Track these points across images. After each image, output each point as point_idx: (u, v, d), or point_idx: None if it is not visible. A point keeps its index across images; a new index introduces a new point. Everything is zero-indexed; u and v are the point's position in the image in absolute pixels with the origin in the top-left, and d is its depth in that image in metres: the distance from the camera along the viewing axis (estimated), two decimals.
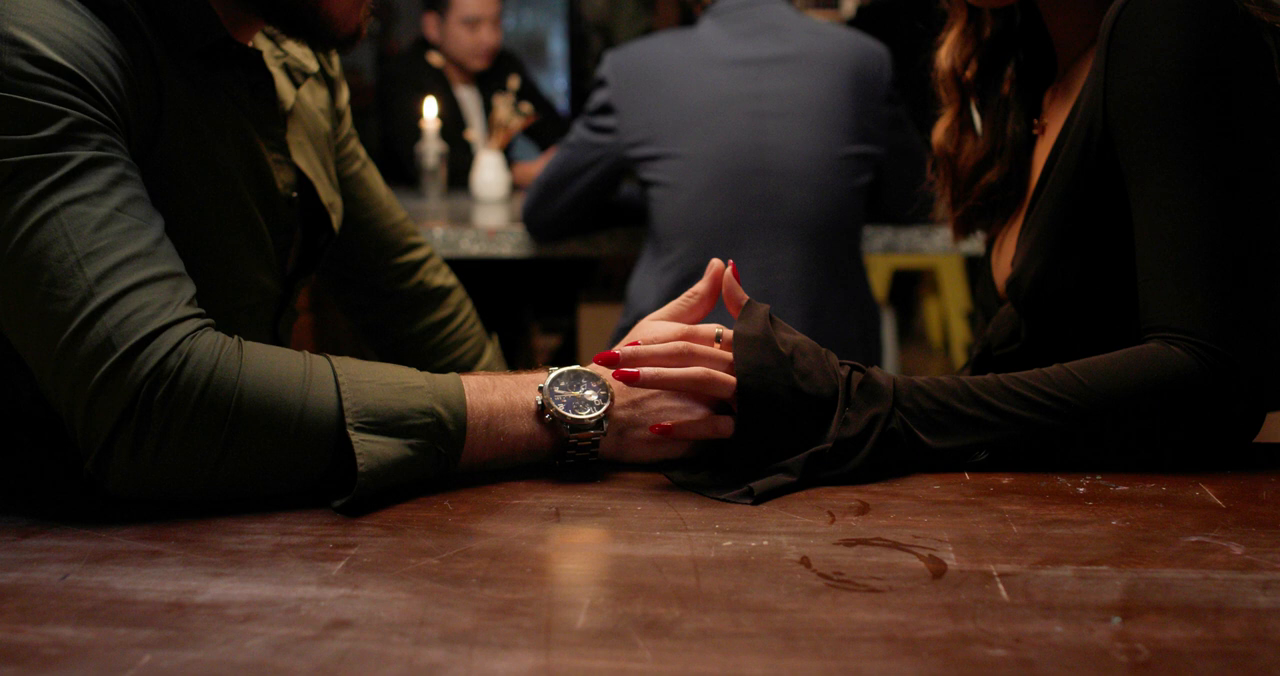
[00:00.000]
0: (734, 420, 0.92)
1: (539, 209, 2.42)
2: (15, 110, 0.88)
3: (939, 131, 1.29)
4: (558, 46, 6.36)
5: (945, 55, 1.29)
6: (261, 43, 1.19)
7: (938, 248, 2.53)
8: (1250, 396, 0.95)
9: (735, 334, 0.95)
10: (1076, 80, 1.15)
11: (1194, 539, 0.80)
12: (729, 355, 0.94)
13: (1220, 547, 0.78)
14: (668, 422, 0.93)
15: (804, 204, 2.17)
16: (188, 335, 0.87)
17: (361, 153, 1.45)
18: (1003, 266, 1.23)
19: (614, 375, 0.93)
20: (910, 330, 5.11)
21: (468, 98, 3.81)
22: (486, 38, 3.69)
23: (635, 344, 0.95)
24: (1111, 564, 0.76)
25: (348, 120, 1.42)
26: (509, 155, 3.43)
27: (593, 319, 3.39)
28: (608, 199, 2.45)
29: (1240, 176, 0.97)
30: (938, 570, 0.75)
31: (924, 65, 1.31)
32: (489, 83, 3.76)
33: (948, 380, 0.97)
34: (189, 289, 0.91)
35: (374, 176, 1.47)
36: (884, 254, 3.66)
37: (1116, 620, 0.67)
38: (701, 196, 2.18)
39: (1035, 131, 1.23)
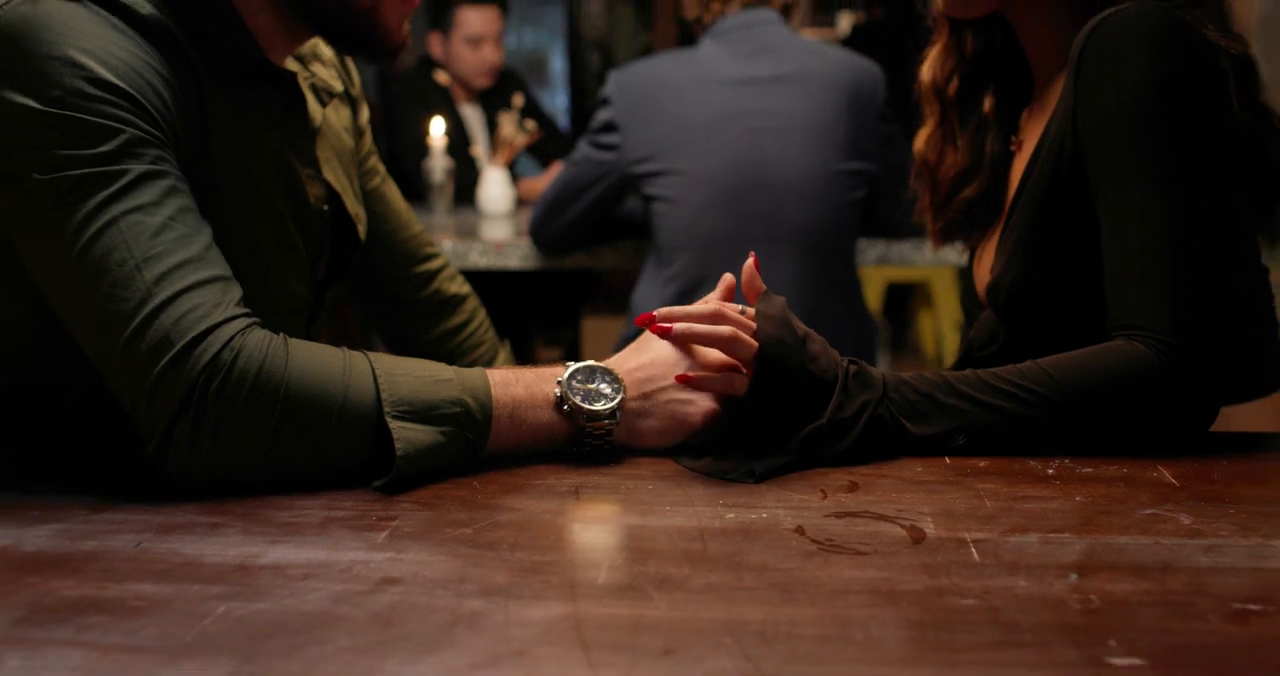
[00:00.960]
0: (748, 381, 1.02)
1: (546, 224, 2.52)
2: (77, 127, 0.97)
3: (920, 141, 1.38)
4: (558, 64, 6.48)
5: (928, 68, 1.38)
6: (291, 64, 1.28)
7: (929, 259, 2.63)
8: (1205, 388, 1.04)
9: (758, 311, 1.04)
10: (1050, 99, 1.25)
11: (1148, 511, 0.89)
12: (754, 325, 1.04)
13: (1171, 518, 0.87)
14: (687, 405, 1.03)
15: (801, 218, 2.26)
16: (238, 332, 0.96)
17: (381, 168, 1.55)
18: (983, 274, 1.32)
19: (651, 329, 1.04)
20: (904, 342, 5.20)
21: (471, 115, 3.90)
22: (489, 56, 3.79)
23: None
24: (1073, 531, 0.85)
25: (368, 137, 1.51)
26: (513, 171, 3.53)
27: (596, 330, 3.48)
28: (612, 214, 2.54)
29: (1198, 188, 1.06)
30: (918, 537, 0.84)
31: (911, 79, 1.41)
32: (492, 100, 3.86)
33: (931, 375, 1.06)
34: (237, 291, 1.00)
35: (393, 191, 1.56)
36: (878, 266, 3.75)
37: (1073, 576, 0.76)
38: (702, 210, 2.28)
39: (1012, 148, 1.33)
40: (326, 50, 1.37)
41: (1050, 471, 0.99)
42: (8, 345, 1.14)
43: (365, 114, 1.49)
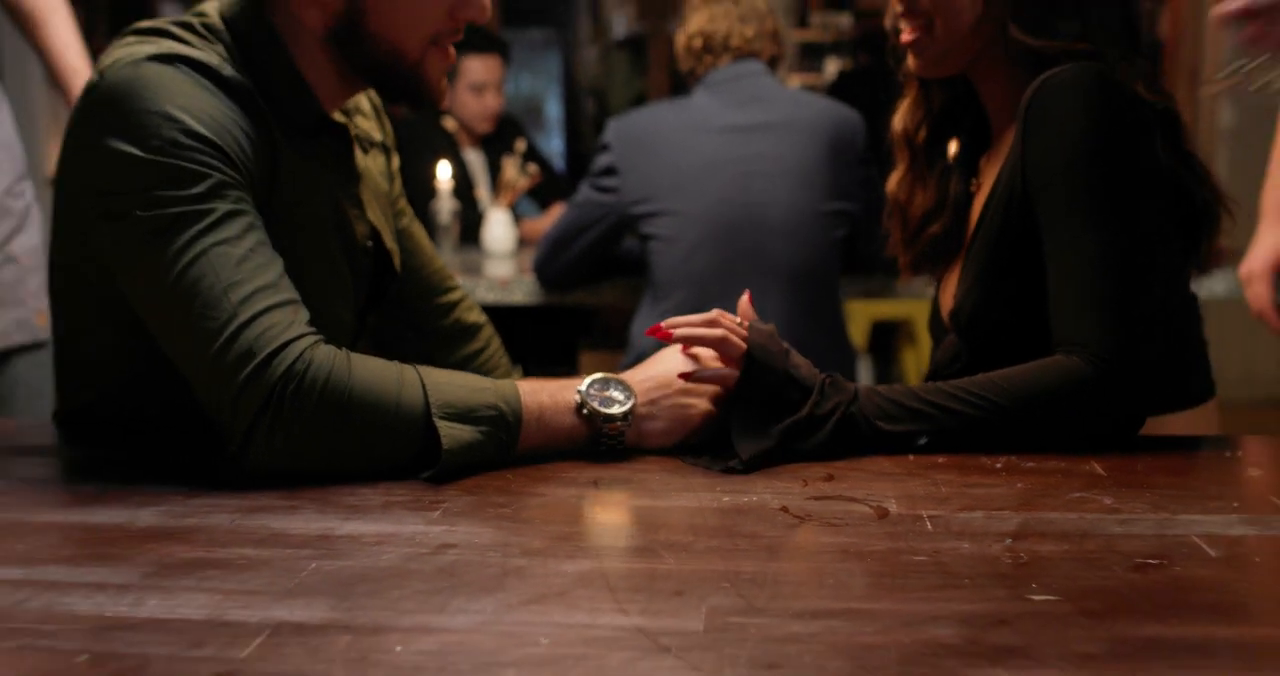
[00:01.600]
0: (739, 377, 1.19)
1: (550, 261, 2.70)
2: (174, 173, 1.14)
3: (892, 182, 1.56)
4: (554, 110, 6.69)
5: (899, 118, 1.56)
6: (338, 117, 1.46)
7: (912, 292, 2.81)
8: (1134, 398, 1.21)
9: (749, 325, 1.23)
10: (1005, 146, 1.43)
11: (1077, 494, 1.06)
12: (744, 332, 1.22)
13: (1095, 500, 1.04)
14: (690, 407, 1.20)
15: (787, 255, 2.45)
16: (309, 347, 1.13)
17: (409, 210, 1.72)
18: (947, 301, 1.49)
19: (658, 336, 1.22)
20: (889, 377, 5.37)
21: (474, 159, 4.09)
22: (491, 103, 3.98)
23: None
24: (1012, 509, 1.01)
25: (399, 182, 1.68)
26: (514, 212, 3.71)
27: (593, 364, 3.66)
28: (611, 252, 2.72)
29: (1126, 224, 1.24)
30: (882, 514, 1.01)
31: (886, 125, 1.59)
32: (493, 145, 4.05)
33: (898, 386, 1.24)
34: (305, 313, 1.17)
35: (419, 229, 1.74)
36: (862, 300, 3.93)
37: (1009, 541, 0.93)
38: (696, 248, 2.46)
39: (973, 189, 1.50)
40: (365, 103, 1.54)
41: (998, 465, 1.16)
42: (100, 363, 1.30)
43: (396, 161, 1.66)
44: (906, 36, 1.42)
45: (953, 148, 1.56)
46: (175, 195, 1.14)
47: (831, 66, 8.55)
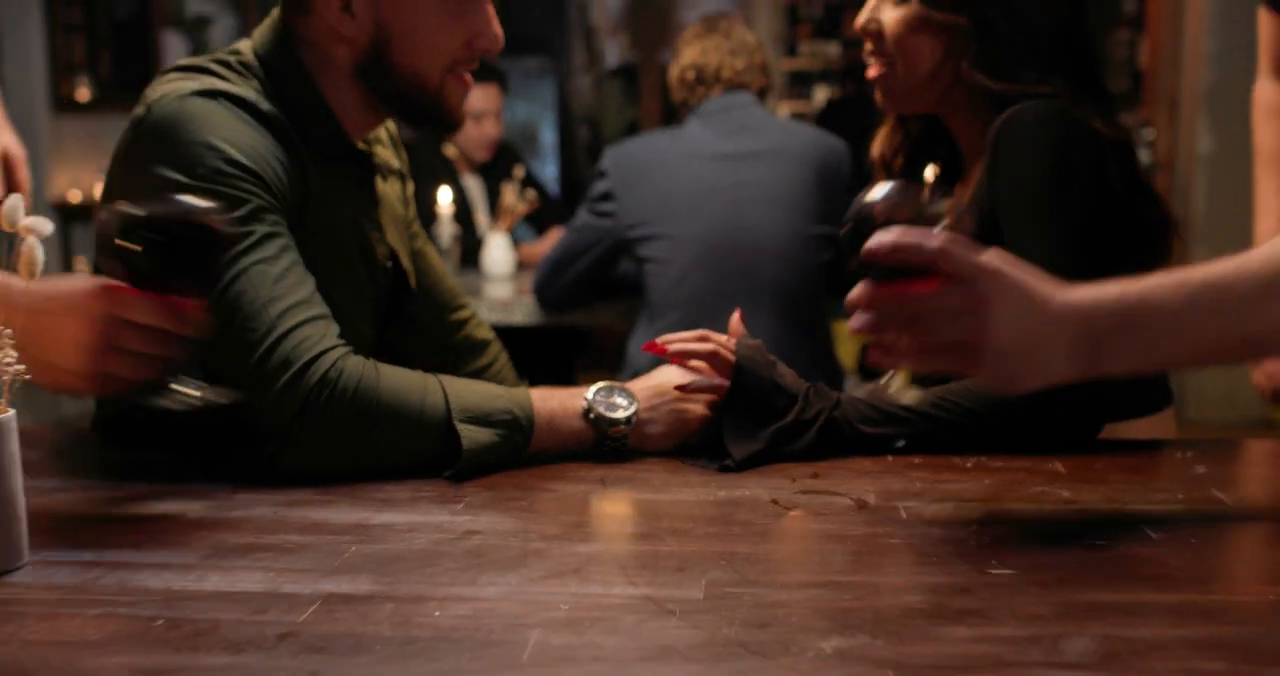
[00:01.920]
0: (729, 388, 1.30)
1: (550, 283, 2.81)
2: (217, 197, 1.25)
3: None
4: (549, 136, 6.81)
5: (878, 145, 1.68)
6: (361, 146, 1.57)
7: None
8: (1090, 402, 1.33)
9: (738, 341, 1.34)
10: (975, 174, 1.55)
11: (1039, 489, 1.17)
12: (733, 347, 1.33)
13: (1055, 493, 1.15)
14: (683, 413, 1.31)
15: (777, 276, 2.57)
16: (341, 357, 1.24)
17: (422, 233, 1.83)
18: None
19: (646, 347, 1.35)
20: None
21: (472, 185, 4.20)
22: (490, 130, 4.10)
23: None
24: (979, 501, 1.13)
25: (413, 207, 1.79)
26: (512, 236, 3.83)
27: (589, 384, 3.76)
28: (608, 275, 2.84)
29: (1084, 245, 1.36)
30: (862, 505, 1.12)
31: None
32: (491, 171, 4.17)
33: (878, 395, 1.35)
34: (335, 326, 1.28)
35: (431, 250, 1.85)
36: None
37: (974, 527, 1.04)
38: (689, 270, 2.58)
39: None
40: (384, 133, 1.66)
41: (969, 464, 1.27)
42: None
43: (410, 187, 1.78)
44: (872, 72, 1.54)
45: (929, 173, 1.68)
46: None
47: (820, 94, 8.72)
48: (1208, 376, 5.99)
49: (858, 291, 1.01)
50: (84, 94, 5.78)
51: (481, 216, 4.05)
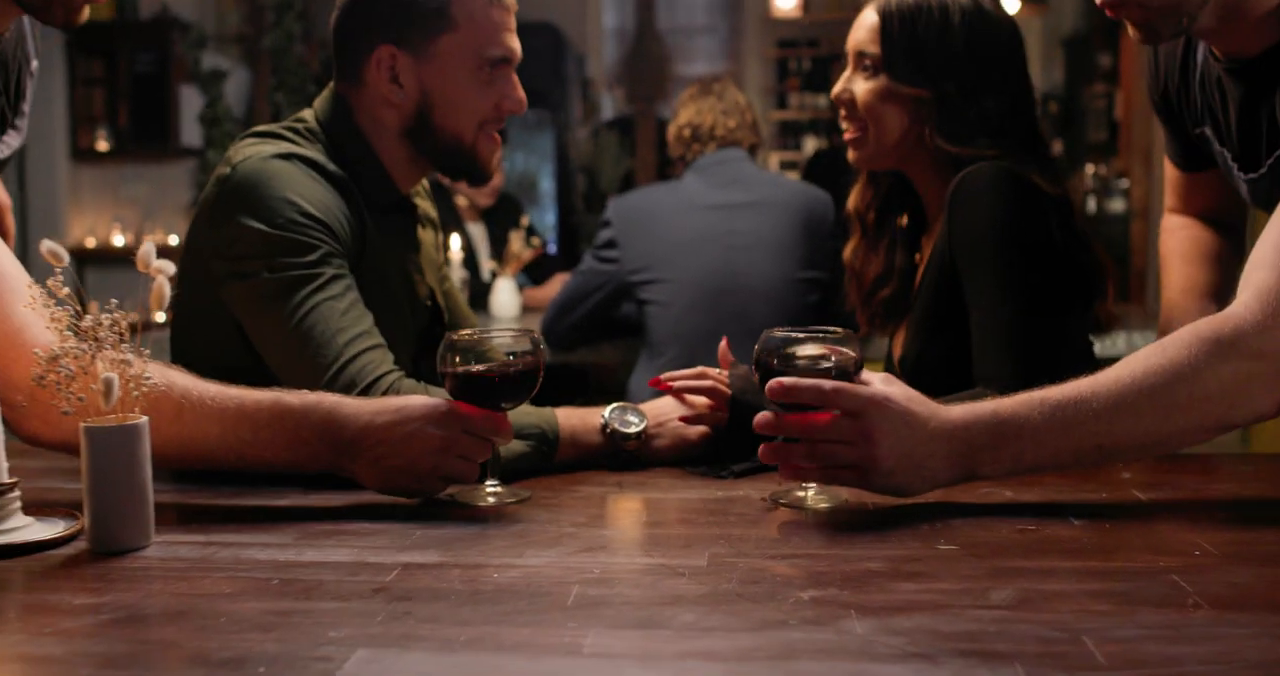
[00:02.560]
0: (727, 416, 1.52)
1: (558, 323, 3.05)
2: (293, 244, 1.48)
3: (848, 252, 1.91)
4: (548, 185, 7.07)
5: (852, 198, 1.92)
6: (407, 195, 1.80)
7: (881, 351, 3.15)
8: None
9: (730, 371, 1.56)
10: (937, 228, 1.78)
11: (985, 490, 1.39)
12: (726, 380, 1.55)
13: (999, 493, 1.37)
14: (686, 429, 1.54)
15: (767, 317, 2.79)
16: (397, 379, 1.46)
17: (451, 275, 2.07)
18: (897, 351, 1.84)
19: (651, 382, 1.56)
20: None
21: (476, 232, 4.45)
22: (492, 179, 4.34)
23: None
24: (935, 500, 1.35)
25: (444, 252, 2.03)
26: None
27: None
28: (611, 316, 3.08)
29: (1027, 289, 1.60)
30: (838, 503, 1.34)
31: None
32: (493, 218, 4.42)
33: None
34: (390, 354, 1.50)
35: (458, 292, 2.08)
36: None
37: (928, 516, 1.27)
38: (687, 312, 2.81)
39: (916, 261, 1.86)
40: (421, 187, 1.89)
41: None
42: None
43: (441, 236, 2.01)
44: (847, 135, 1.78)
45: (903, 221, 1.92)
46: (294, 262, 1.48)
47: (810, 144, 9.03)
48: None
49: (763, 418, 1.26)
50: (102, 144, 6.03)
51: (484, 261, 4.29)
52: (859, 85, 1.77)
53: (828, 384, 1.23)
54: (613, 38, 9.28)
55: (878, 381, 1.26)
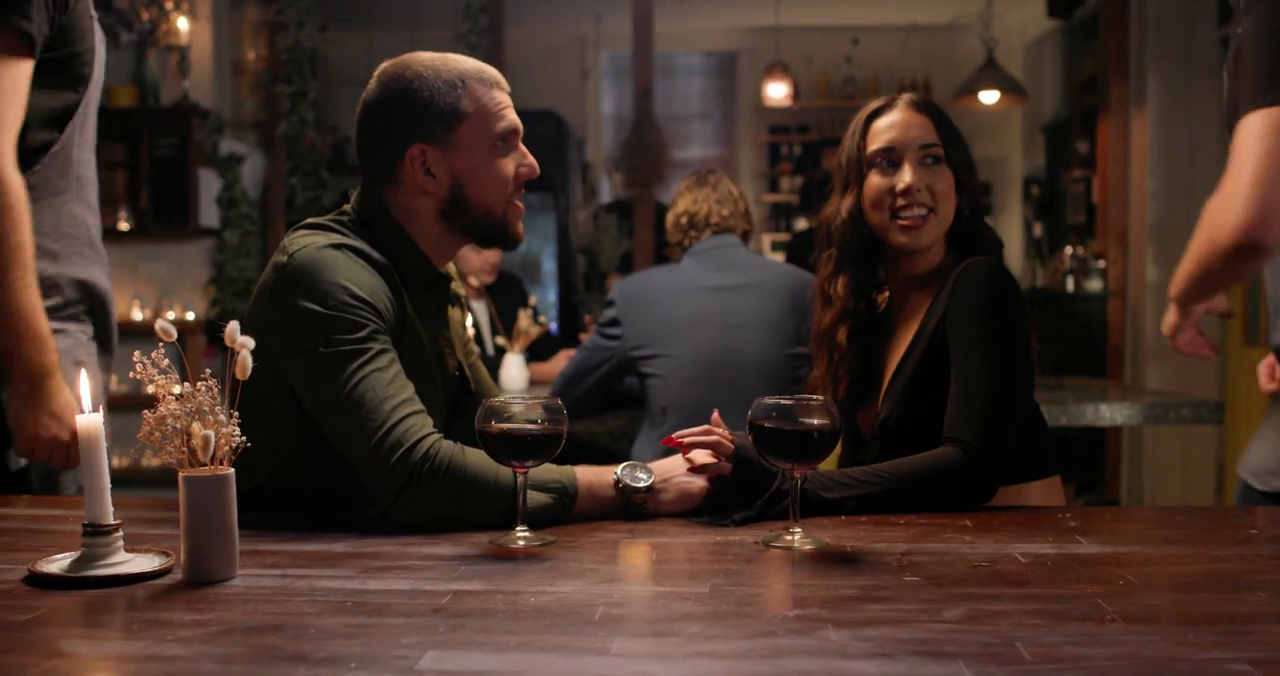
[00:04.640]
0: (730, 468, 1.74)
1: (565, 395, 3.27)
2: (344, 323, 1.71)
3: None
4: (549, 265, 7.33)
5: (817, 279, 2.16)
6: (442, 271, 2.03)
7: None
8: (992, 476, 1.77)
9: (735, 435, 1.78)
10: (913, 310, 2.02)
11: (949, 535, 1.60)
12: (731, 439, 1.77)
13: (959, 538, 1.59)
14: (689, 485, 1.75)
15: (759, 389, 3.00)
16: (436, 441, 1.68)
17: (475, 349, 2.29)
18: (864, 421, 2.06)
19: (665, 441, 1.77)
20: None
21: (478, 309, 4.68)
22: (491, 256, 4.58)
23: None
24: (904, 542, 1.56)
25: (469, 328, 2.25)
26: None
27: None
28: (614, 388, 3.30)
29: (1005, 357, 1.83)
30: (820, 545, 1.55)
31: None
32: (493, 295, 4.66)
33: (835, 470, 1.79)
34: (430, 419, 1.72)
35: (480, 364, 2.30)
36: None
37: (898, 556, 1.48)
38: (685, 384, 3.04)
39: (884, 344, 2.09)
40: (450, 269, 2.12)
41: (901, 521, 1.71)
42: (275, 452, 1.84)
43: (467, 314, 2.24)
44: (908, 222, 2.01)
45: (882, 301, 2.16)
46: (345, 338, 1.70)
47: (800, 224, 9.32)
48: (1164, 469, 6.44)
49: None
50: (123, 225, 6.27)
51: (502, 338, 4.51)
52: (930, 175, 2.01)
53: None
54: (610, 123, 9.62)
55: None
